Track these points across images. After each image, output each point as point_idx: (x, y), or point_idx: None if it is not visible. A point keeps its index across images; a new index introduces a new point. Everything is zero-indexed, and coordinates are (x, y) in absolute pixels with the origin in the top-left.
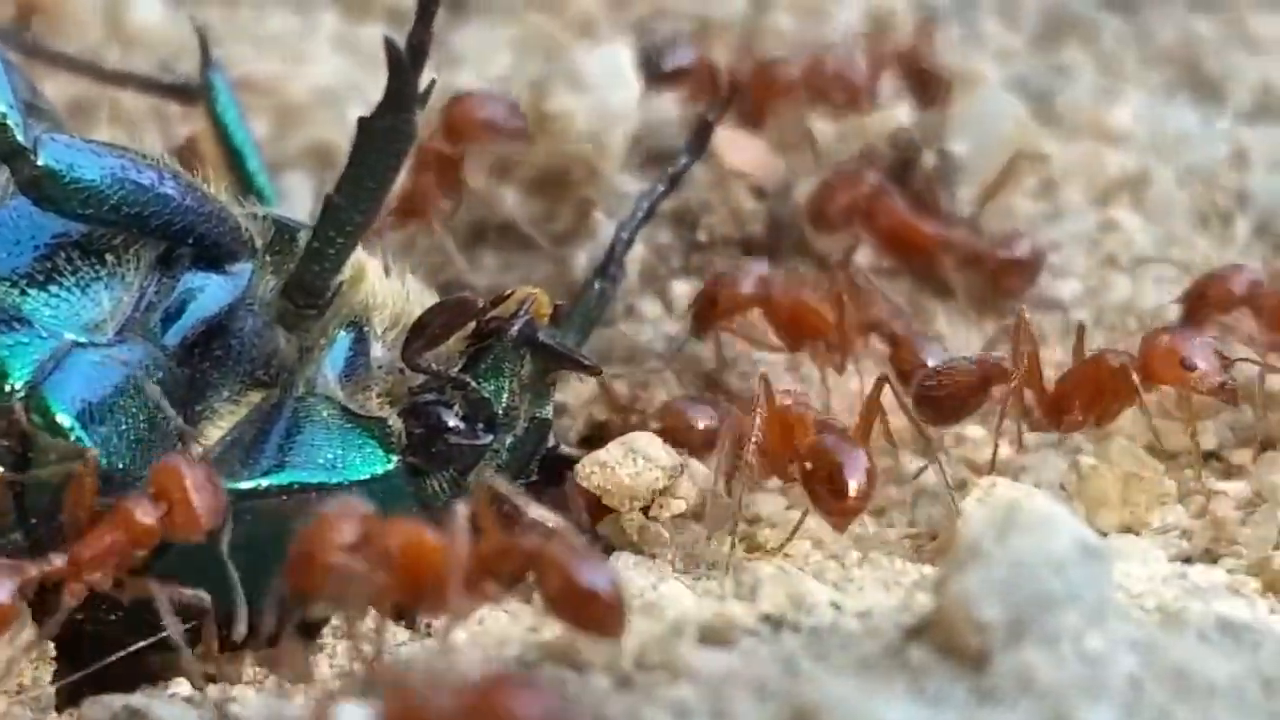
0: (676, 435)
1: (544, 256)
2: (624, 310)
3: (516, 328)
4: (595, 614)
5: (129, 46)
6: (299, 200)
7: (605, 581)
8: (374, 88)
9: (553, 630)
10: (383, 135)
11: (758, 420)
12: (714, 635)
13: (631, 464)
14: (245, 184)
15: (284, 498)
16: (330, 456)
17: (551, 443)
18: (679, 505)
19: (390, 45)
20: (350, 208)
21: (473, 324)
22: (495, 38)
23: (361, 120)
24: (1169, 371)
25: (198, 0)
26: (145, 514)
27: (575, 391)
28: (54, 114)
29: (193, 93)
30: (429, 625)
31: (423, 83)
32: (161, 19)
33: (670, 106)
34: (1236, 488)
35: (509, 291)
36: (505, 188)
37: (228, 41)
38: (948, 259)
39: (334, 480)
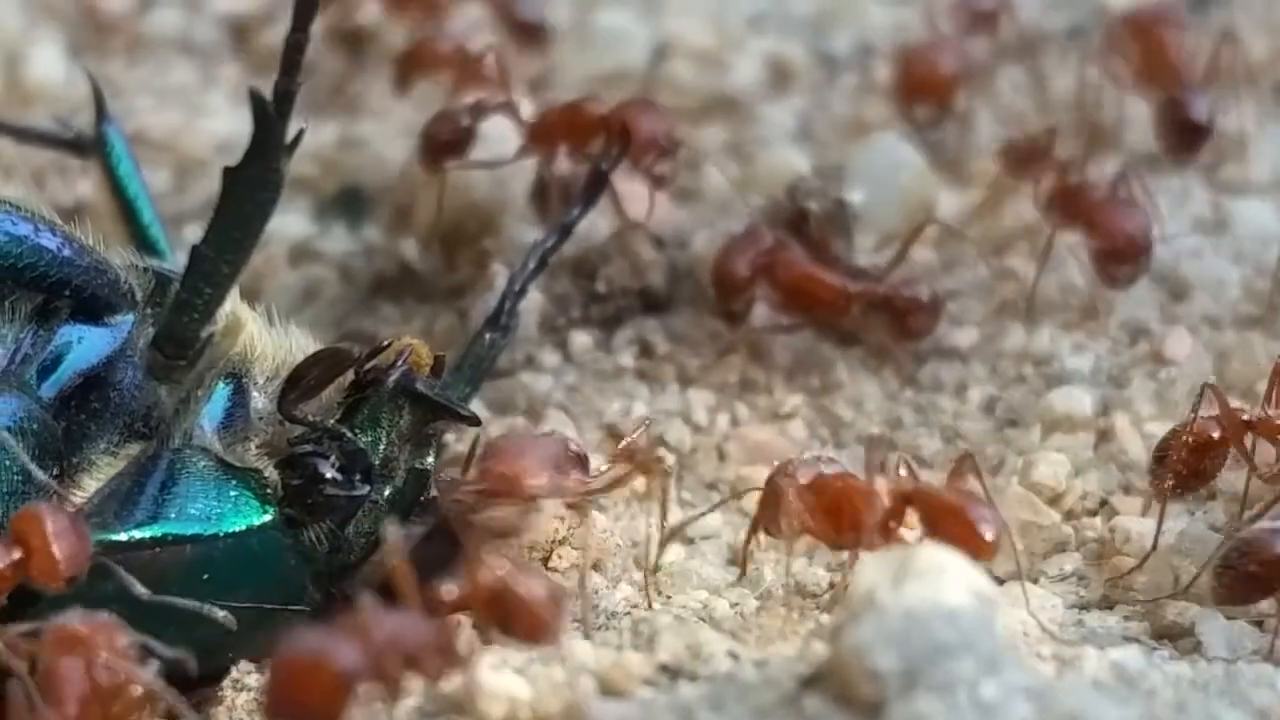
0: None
1: (443, 307)
2: (524, 360)
3: (394, 378)
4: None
5: (28, 101)
6: None
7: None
8: None
9: (451, 682)
10: (249, 185)
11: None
12: (612, 686)
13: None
14: (139, 237)
15: (158, 550)
16: (205, 508)
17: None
18: (577, 555)
19: (255, 94)
20: (217, 258)
21: (350, 374)
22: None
23: (227, 170)
24: None
25: (100, 54)
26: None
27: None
28: None
29: (87, 146)
30: None
31: (291, 132)
32: (60, 74)
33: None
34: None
35: (387, 342)
36: (406, 238)
37: (129, 95)
38: (853, 307)
39: (209, 532)
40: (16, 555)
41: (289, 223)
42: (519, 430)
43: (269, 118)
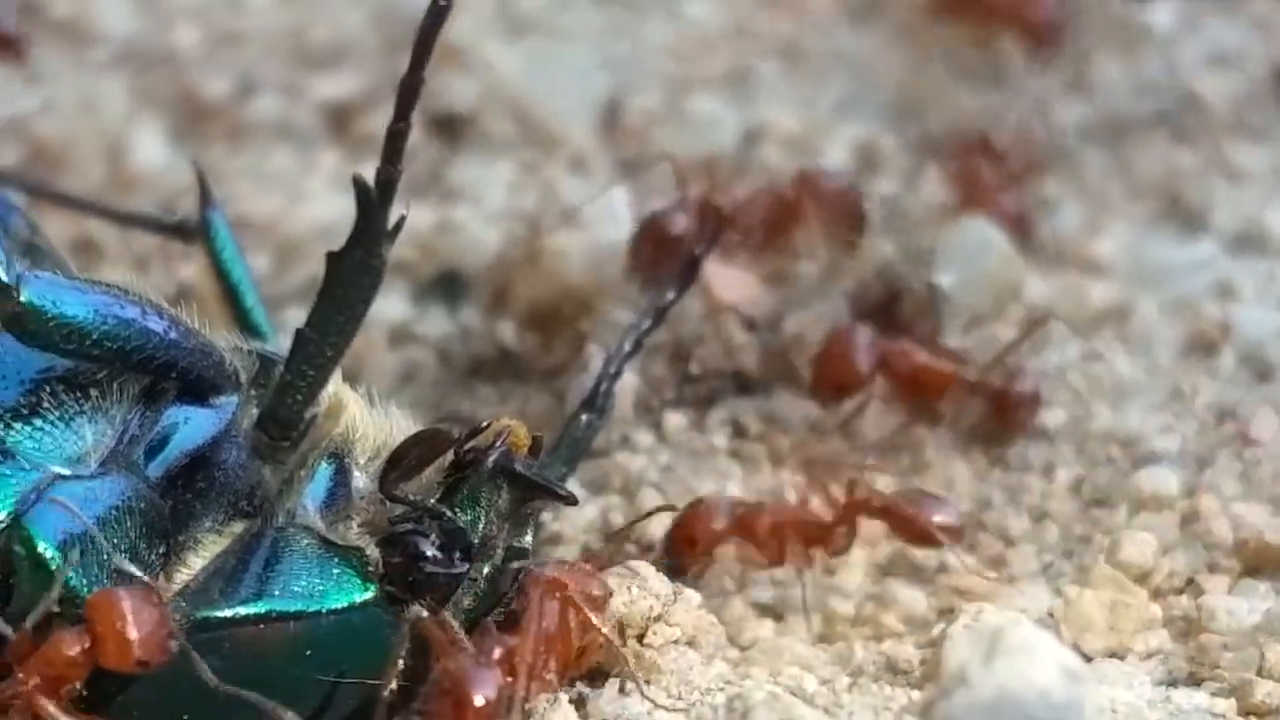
0: None
1: (539, 389)
2: (619, 440)
3: (493, 458)
4: None
5: (131, 187)
6: None
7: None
8: None
9: None
10: (352, 270)
11: None
12: None
13: (626, 592)
14: (241, 319)
15: (262, 626)
16: (308, 585)
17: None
18: (673, 633)
19: (359, 182)
20: (321, 341)
21: (450, 455)
22: (490, 174)
23: (330, 255)
24: None
25: (202, 140)
26: (70, 645)
27: (571, 521)
28: (53, 253)
29: (191, 231)
30: None
31: (392, 218)
32: (163, 160)
33: None
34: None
35: (486, 423)
36: (503, 321)
37: (230, 180)
38: (958, 394)
39: (312, 608)
40: (87, 643)
41: (388, 306)
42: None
43: (372, 205)
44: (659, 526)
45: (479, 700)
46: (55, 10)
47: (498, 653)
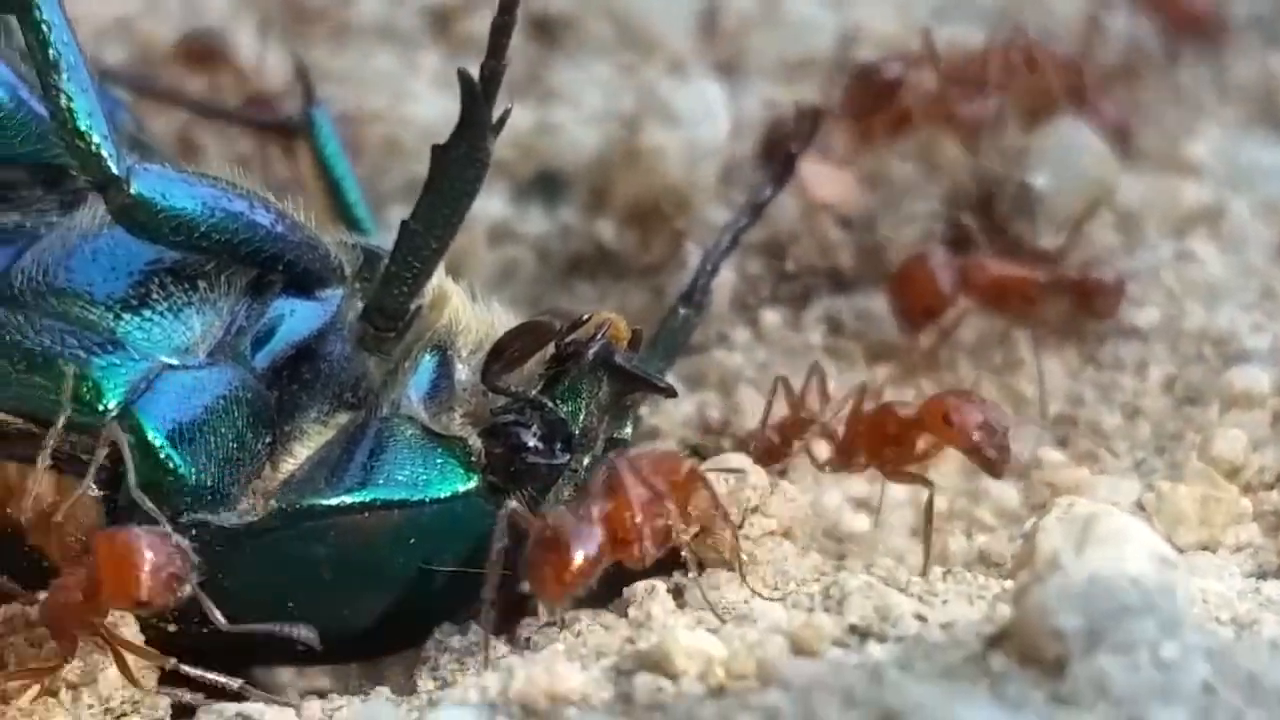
0: None
1: (638, 285)
2: (716, 337)
3: (593, 351)
4: None
5: (234, 87)
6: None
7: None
8: None
9: (648, 640)
10: (457, 163)
11: None
12: (803, 645)
13: (724, 483)
14: (344, 214)
15: (366, 515)
16: (412, 475)
17: None
18: (770, 524)
19: (464, 76)
20: (426, 234)
21: (551, 347)
22: (588, 75)
23: (436, 149)
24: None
25: (305, 43)
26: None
27: (669, 415)
28: (159, 149)
29: (295, 128)
30: (528, 638)
31: (496, 112)
32: (267, 60)
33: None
34: None
35: (586, 316)
36: (601, 219)
37: (333, 81)
38: (1040, 295)
39: (416, 497)
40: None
41: (488, 205)
42: None
43: (476, 99)
44: (755, 420)
45: (578, 557)
46: None
47: (597, 512)
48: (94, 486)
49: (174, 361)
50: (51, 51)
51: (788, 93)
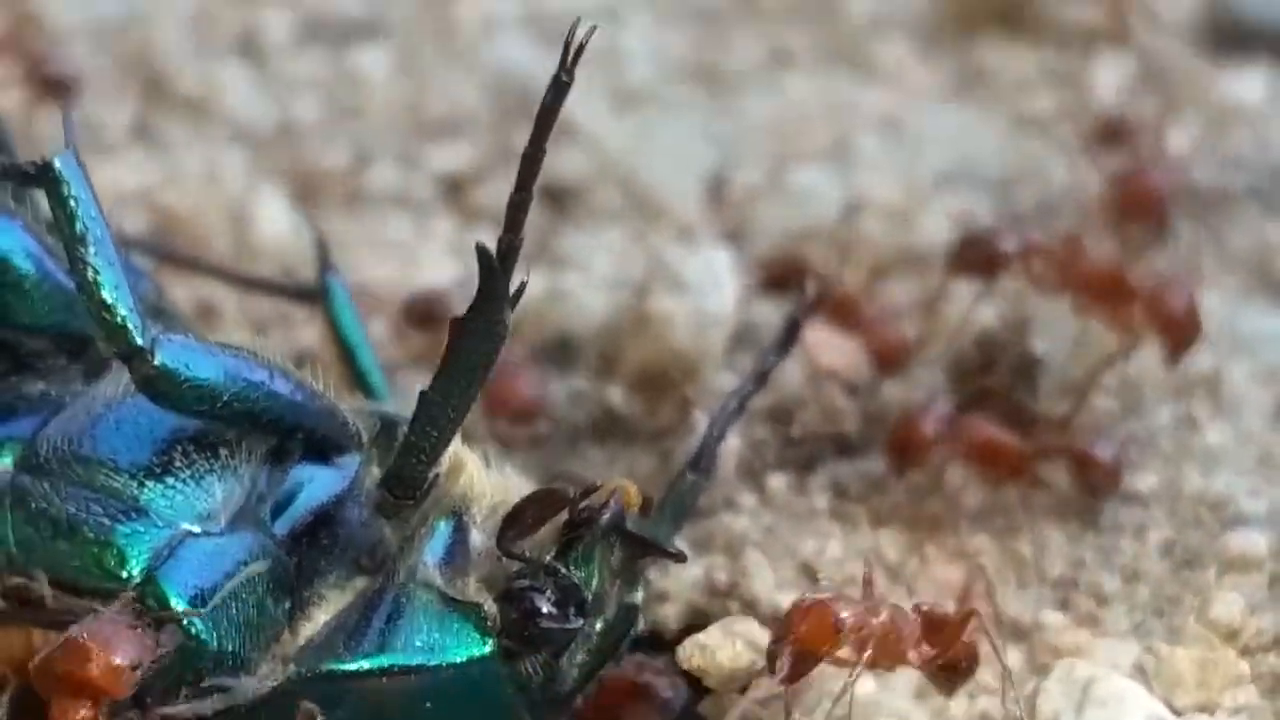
0: None
1: (646, 450)
2: (723, 501)
3: (606, 518)
4: None
5: (253, 255)
6: (412, 398)
7: None
8: None
9: None
10: (475, 335)
11: None
12: None
13: (731, 647)
14: (359, 380)
15: (384, 679)
16: (429, 640)
17: (641, 626)
18: (775, 686)
19: (482, 250)
20: (444, 404)
21: (565, 514)
22: (597, 242)
23: (454, 320)
24: None
25: (320, 210)
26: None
27: (677, 579)
28: (180, 316)
29: (311, 295)
30: None
31: (513, 285)
32: (284, 229)
33: (767, 309)
34: None
35: (599, 483)
36: (611, 385)
37: (348, 248)
38: (1028, 464)
39: (432, 662)
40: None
41: None
42: None
43: (494, 272)
44: (762, 584)
45: None
46: (181, 89)
47: None
48: None
49: (196, 528)
50: (79, 225)
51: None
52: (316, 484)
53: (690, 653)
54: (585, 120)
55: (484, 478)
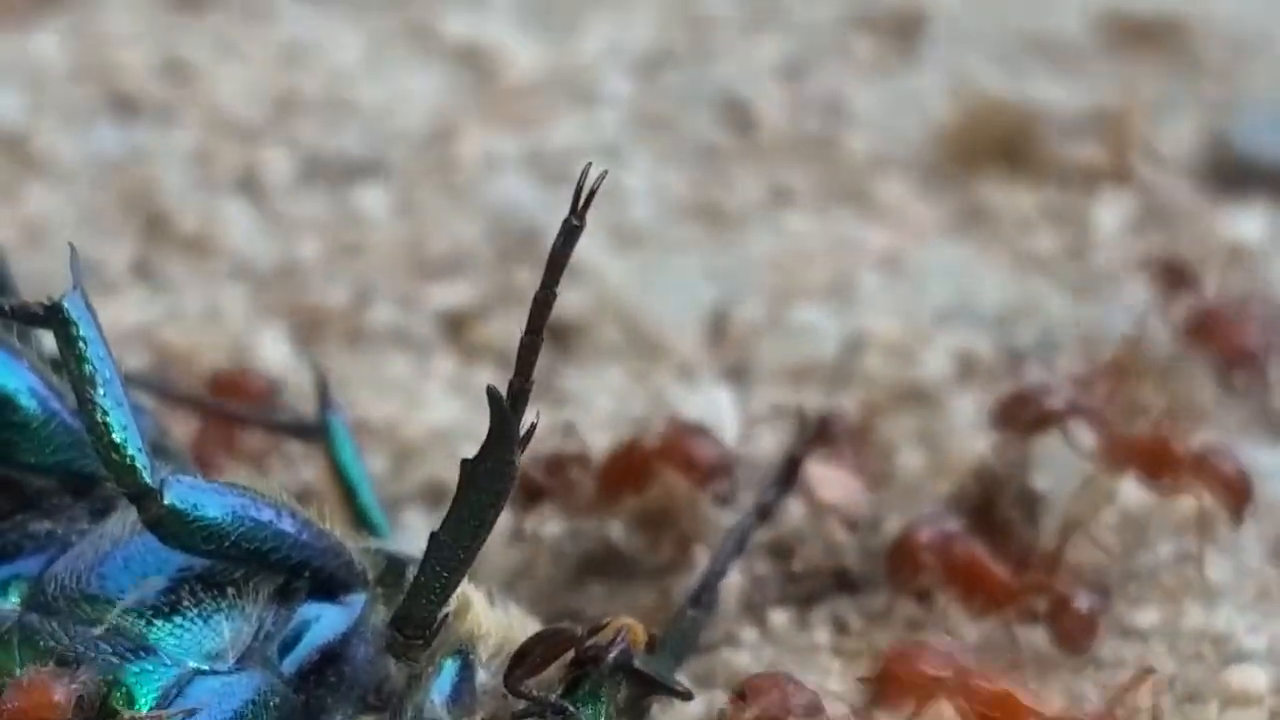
0: None
1: (647, 587)
2: (724, 636)
3: (613, 656)
4: None
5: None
6: (416, 534)
7: None
8: (484, 427)
9: None
10: (485, 477)
11: None
12: None
13: None
14: (360, 518)
15: None
16: None
17: None
18: None
19: (493, 394)
20: (454, 545)
21: (571, 652)
22: (599, 381)
23: (465, 463)
24: None
25: (322, 349)
26: None
27: (680, 714)
28: (180, 453)
29: (312, 432)
30: None
31: (523, 426)
32: (284, 366)
33: (766, 445)
34: None
35: (605, 621)
36: (612, 521)
37: (349, 386)
38: (1006, 598)
39: None
40: None
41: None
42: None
43: (504, 414)
44: None
45: None
46: (182, 227)
47: None
48: None
49: (205, 667)
50: (87, 367)
51: (794, 397)
52: (323, 622)
53: None
54: (586, 258)
55: (489, 616)
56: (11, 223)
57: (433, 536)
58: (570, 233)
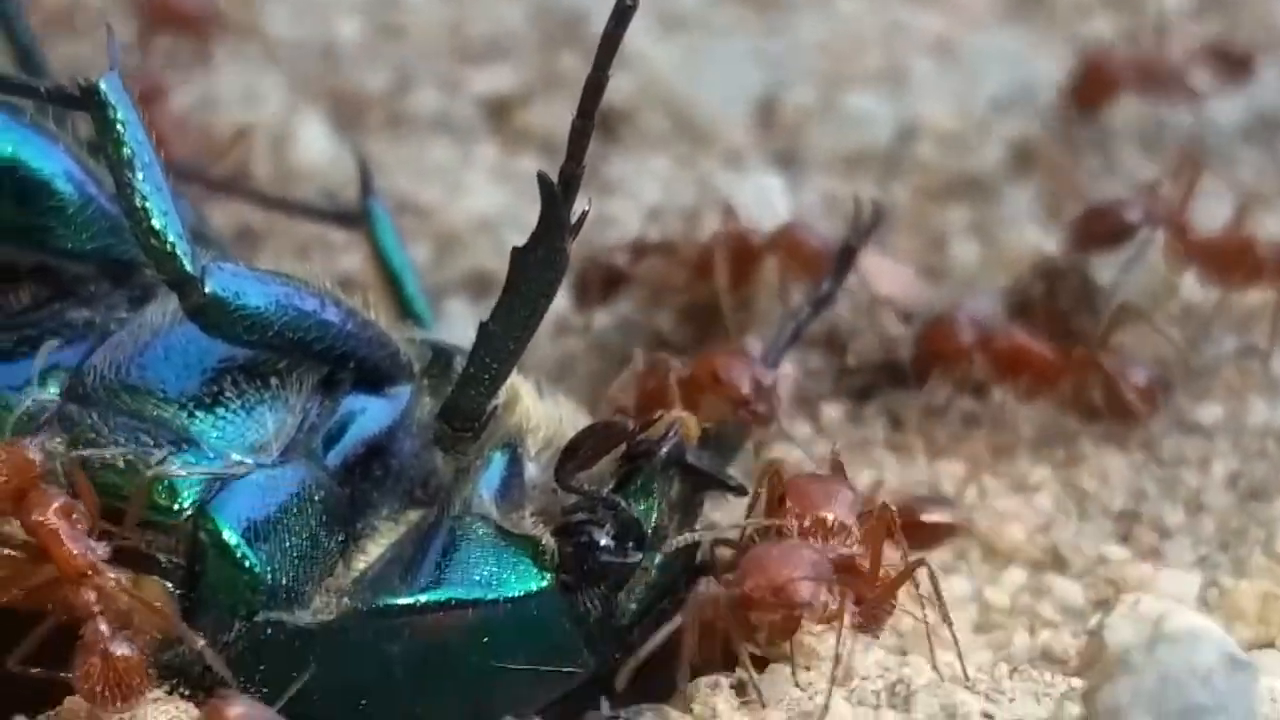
0: None
1: None
2: (776, 431)
3: (665, 450)
4: None
5: (295, 179)
6: (458, 324)
7: None
8: (529, 216)
9: None
10: (536, 265)
11: None
12: None
13: None
14: (404, 307)
15: (441, 613)
16: (486, 574)
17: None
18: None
19: (544, 179)
20: (505, 335)
21: (623, 446)
22: (647, 168)
23: (515, 250)
24: None
25: (363, 134)
26: None
27: (730, 510)
28: (220, 241)
29: (353, 219)
30: None
31: (574, 214)
32: (326, 153)
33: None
34: None
35: (658, 415)
36: (660, 311)
37: (390, 172)
38: (1055, 375)
39: (490, 596)
40: None
41: None
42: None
43: (555, 202)
44: None
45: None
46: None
47: None
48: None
49: (248, 459)
50: (125, 150)
51: (846, 186)
52: (369, 414)
53: None
54: (632, 43)
55: (539, 408)
56: (40, 6)
57: (482, 327)
58: (623, 13)
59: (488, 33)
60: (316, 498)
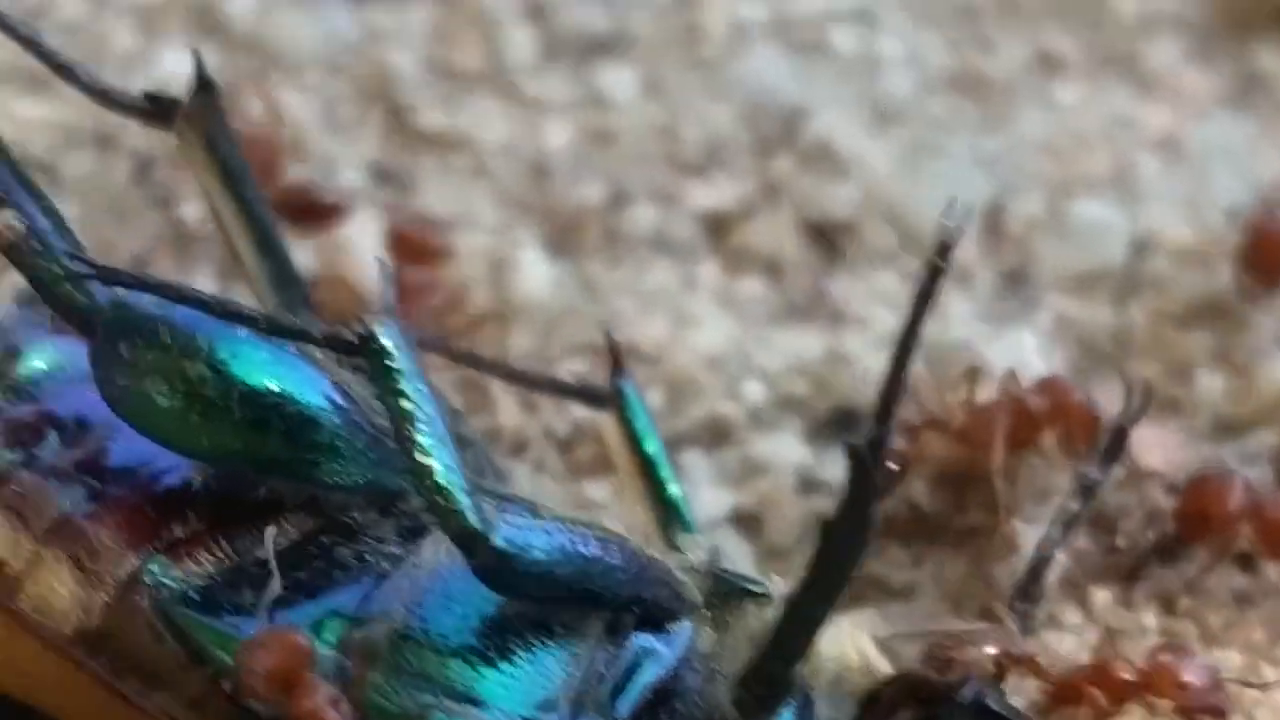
0: None
1: (954, 554)
2: (1046, 619)
3: (968, 699)
4: None
5: (519, 316)
6: (696, 476)
7: None
8: (759, 353)
9: None
10: (844, 536)
11: None
12: None
13: None
14: (656, 494)
15: None
16: None
17: None
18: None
19: (853, 449)
20: (812, 606)
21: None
22: (874, 289)
23: (824, 524)
24: None
25: (574, 253)
26: None
27: None
28: (477, 443)
29: (603, 399)
30: None
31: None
32: (547, 278)
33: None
34: None
35: (950, 656)
36: (913, 478)
37: (608, 296)
38: None
39: None
40: None
41: (784, 447)
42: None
43: (864, 469)
44: None
45: None
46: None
47: None
48: None
49: (537, 718)
50: (405, 403)
51: (1082, 310)
52: (653, 657)
53: None
54: (845, 142)
55: (825, 643)
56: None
57: (790, 601)
58: (934, 274)
59: (700, 138)
60: None
